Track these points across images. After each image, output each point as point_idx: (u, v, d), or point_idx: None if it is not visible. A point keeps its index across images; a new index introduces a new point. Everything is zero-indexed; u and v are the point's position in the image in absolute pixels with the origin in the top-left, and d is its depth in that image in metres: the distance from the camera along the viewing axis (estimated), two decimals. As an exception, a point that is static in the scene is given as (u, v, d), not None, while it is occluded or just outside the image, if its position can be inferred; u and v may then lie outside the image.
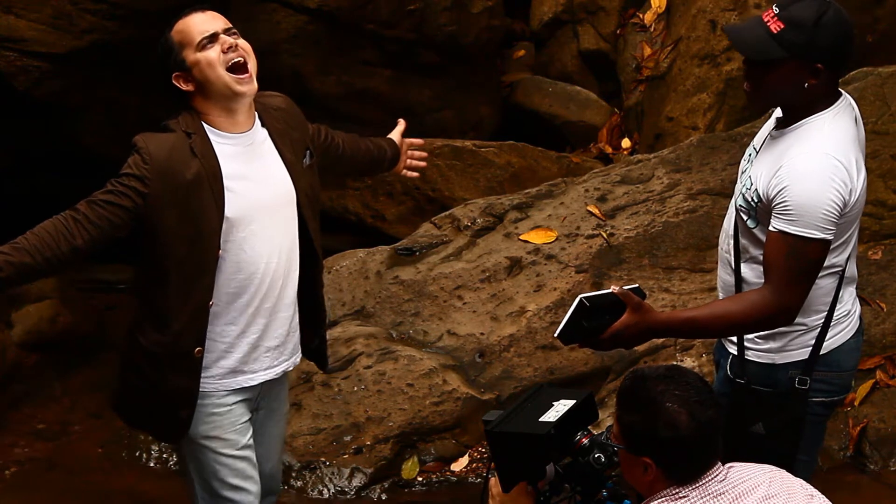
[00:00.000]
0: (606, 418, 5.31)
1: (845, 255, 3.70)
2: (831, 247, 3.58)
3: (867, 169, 3.70)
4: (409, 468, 5.54)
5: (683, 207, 6.07)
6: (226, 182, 3.82)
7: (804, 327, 3.69)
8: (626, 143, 7.56)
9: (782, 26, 3.53)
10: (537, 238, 6.08)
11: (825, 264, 3.60)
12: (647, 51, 7.55)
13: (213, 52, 3.79)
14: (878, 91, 6.23)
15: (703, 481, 3.11)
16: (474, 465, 5.57)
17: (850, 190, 3.55)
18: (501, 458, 3.31)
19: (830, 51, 3.55)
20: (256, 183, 3.89)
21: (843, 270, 3.72)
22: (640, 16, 7.75)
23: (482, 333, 5.83)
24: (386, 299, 6.03)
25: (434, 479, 5.54)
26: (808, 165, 3.52)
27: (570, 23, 8.06)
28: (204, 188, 3.78)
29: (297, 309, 4.11)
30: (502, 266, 6.00)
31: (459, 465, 5.57)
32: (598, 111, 7.79)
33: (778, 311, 3.57)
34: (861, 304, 3.91)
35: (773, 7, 3.58)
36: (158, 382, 3.91)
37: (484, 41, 7.54)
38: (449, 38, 7.33)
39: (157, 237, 3.78)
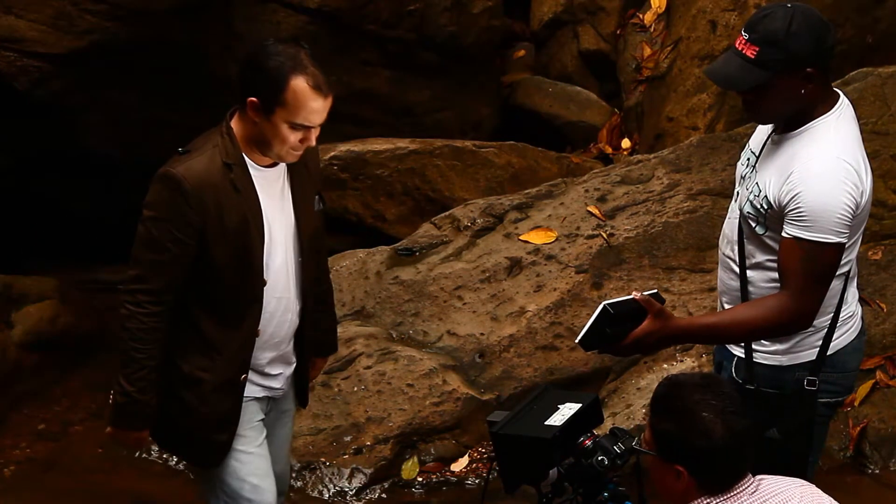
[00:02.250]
0: (608, 420, 5.31)
1: (853, 255, 3.72)
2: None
3: (867, 169, 3.71)
4: (409, 468, 5.54)
5: (683, 208, 6.07)
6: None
7: (812, 328, 3.70)
8: (626, 143, 7.55)
9: (757, 49, 3.53)
10: (537, 238, 6.08)
11: None
12: (647, 51, 7.55)
13: (294, 137, 3.78)
14: (878, 91, 6.23)
15: (735, 492, 3.11)
16: (474, 465, 5.57)
17: (861, 192, 3.58)
18: (505, 460, 3.31)
19: (813, 52, 3.55)
20: (275, 219, 3.91)
21: (850, 270, 3.73)
22: (640, 16, 7.74)
23: (482, 334, 5.83)
24: (386, 299, 6.03)
25: (434, 480, 5.54)
26: (820, 170, 3.53)
27: (570, 23, 8.04)
28: (250, 226, 3.81)
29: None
30: (502, 266, 6.00)
31: (459, 466, 5.57)
32: (599, 111, 7.78)
33: (797, 317, 3.58)
34: (861, 305, 3.92)
35: (743, 33, 3.58)
36: (199, 407, 3.93)
37: (484, 41, 7.54)
38: (449, 38, 7.33)
39: (208, 270, 3.82)
